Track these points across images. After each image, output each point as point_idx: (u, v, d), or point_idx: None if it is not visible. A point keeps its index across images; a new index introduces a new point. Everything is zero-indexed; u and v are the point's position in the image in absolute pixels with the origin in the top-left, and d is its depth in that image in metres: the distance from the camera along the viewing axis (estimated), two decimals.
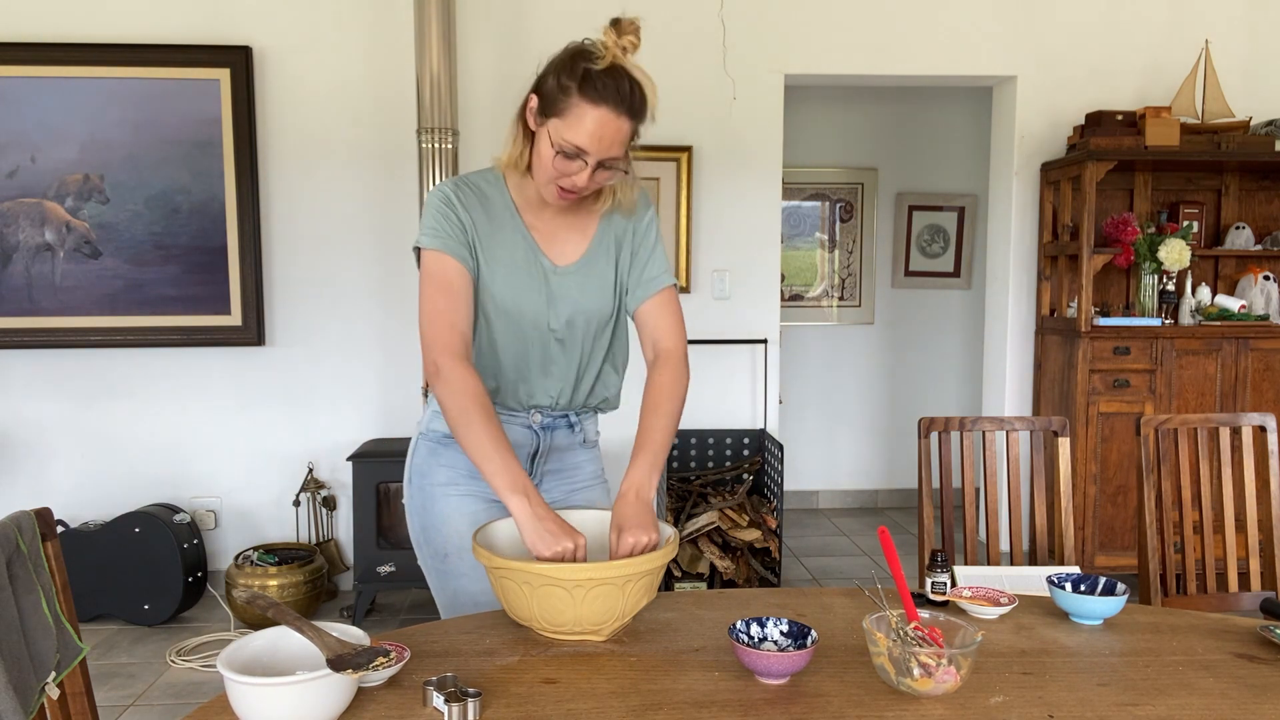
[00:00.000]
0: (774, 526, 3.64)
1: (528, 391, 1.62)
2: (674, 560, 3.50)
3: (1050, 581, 1.54)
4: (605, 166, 1.48)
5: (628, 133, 1.47)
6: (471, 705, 1.14)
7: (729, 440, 4.05)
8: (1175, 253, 3.69)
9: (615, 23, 1.47)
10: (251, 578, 3.38)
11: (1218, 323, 3.80)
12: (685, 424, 4.03)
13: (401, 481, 3.61)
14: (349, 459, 3.49)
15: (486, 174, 1.63)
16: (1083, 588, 1.55)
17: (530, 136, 1.52)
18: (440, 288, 1.51)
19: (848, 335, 5.33)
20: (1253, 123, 3.98)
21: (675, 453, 4.04)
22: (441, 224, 1.53)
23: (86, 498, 3.82)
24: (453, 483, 1.62)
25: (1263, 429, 2.13)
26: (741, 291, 4.06)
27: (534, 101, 1.50)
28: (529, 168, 1.54)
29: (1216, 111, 3.87)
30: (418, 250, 1.55)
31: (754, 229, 4.05)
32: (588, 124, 1.42)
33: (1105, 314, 3.89)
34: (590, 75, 1.42)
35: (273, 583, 3.38)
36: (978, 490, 4.88)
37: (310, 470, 3.83)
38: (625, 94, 1.43)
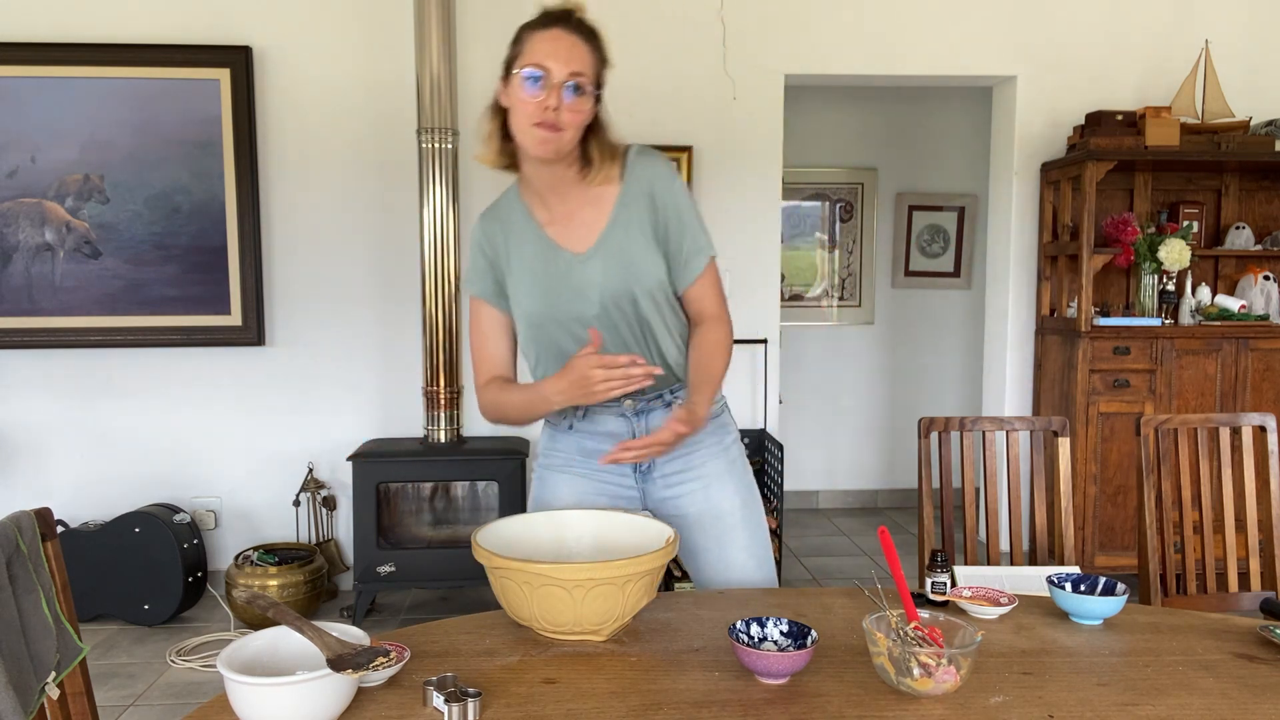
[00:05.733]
0: (774, 526, 3.64)
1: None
2: (674, 560, 3.50)
3: (1050, 581, 1.54)
4: (576, 89, 1.48)
5: (585, 52, 1.50)
6: (471, 705, 1.14)
7: None
8: (1175, 253, 3.69)
9: None
10: (251, 578, 3.38)
11: (1218, 323, 3.80)
12: None
13: (401, 482, 3.63)
14: (349, 459, 3.49)
15: (507, 193, 1.68)
16: (1083, 588, 1.55)
17: (503, 118, 1.55)
18: (475, 331, 1.70)
19: (848, 335, 5.33)
20: (1253, 123, 3.98)
21: None
22: (472, 267, 1.67)
23: (86, 498, 3.82)
24: (565, 465, 1.73)
25: (1263, 429, 2.13)
26: (741, 291, 4.06)
27: (499, 83, 1.56)
28: (511, 161, 1.58)
29: (1216, 111, 3.87)
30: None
31: (754, 229, 4.05)
32: (542, 43, 1.48)
33: (1105, 314, 3.89)
34: (535, 17, 1.53)
35: (273, 583, 3.38)
36: (978, 490, 4.88)
37: (310, 470, 3.83)
38: (571, 17, 1.51)
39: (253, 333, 3.78)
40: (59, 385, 3.79)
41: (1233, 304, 3.84)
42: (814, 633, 1.30)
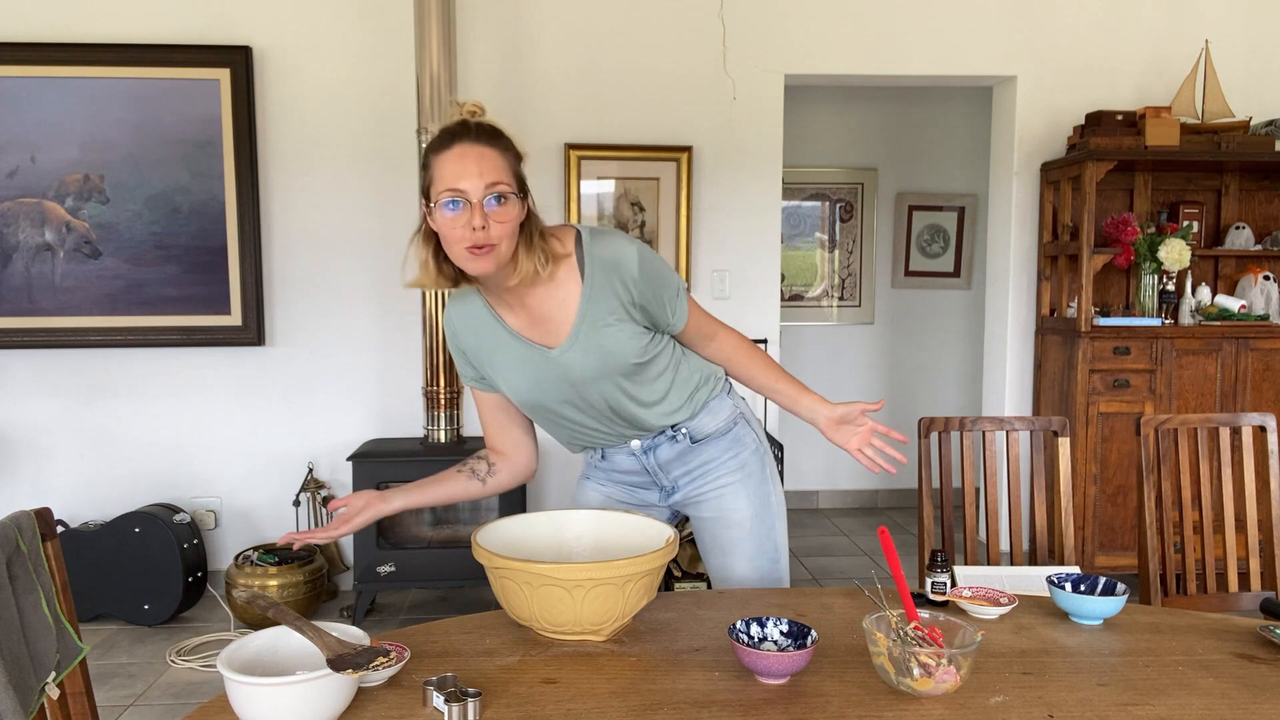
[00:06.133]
0: None
1: (608, 442, 1.73)
2: (674, 560, 3.50)
3: (1050, 581, 1.54)
4: (497, 198, 1.43)
5: (495, 159, 1.44)
6: (471, 705, 1.14)
7: None
8: (1175, 253, 3.69)
9: (457, 104, 1.54)
10: (251, 578, 3.38)
11: (1218, 323, 3.80)
12: None
13: (401, 481, 3.63)
14: (349, 459, 3.49)
15: (468, 292, 1.64)
16: (1083, 588, 1.55)
17: (435, 241, 1.52)
18: (483, 411, 1.75)
19: (848, 335, 5.33)
20: (1253, 123, 3.98)
21: None
22: (458, 363, 1.71)
23: (86, 498, 3.82)
24: (607, 484, 1.82)
25: (1263, 429, 2.13)
26: (741, 291, 4.06)
27: (422, 206, 1.51)
28: (457, 277, 1.55)
29: (1216, 111, 3.87)
30: None
31: (754, 229, 4.05)
32: (449, 165, 1.44)
33: (1105, 314, 3.89)
34: (436, 136, 1.49)
35: (273, 583, 3.38)
36: (978, 490, 4.88)
37: (310, 470, 3.83)
38: (471, 128, 1.47)
39: (253, 333, 3.78)
40: (59, 385, 3.79)
41: (1233, 304, 3.84)
42: (814, 633, 1.30)
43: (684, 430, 1.71)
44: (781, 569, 1.79)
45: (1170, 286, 3.87)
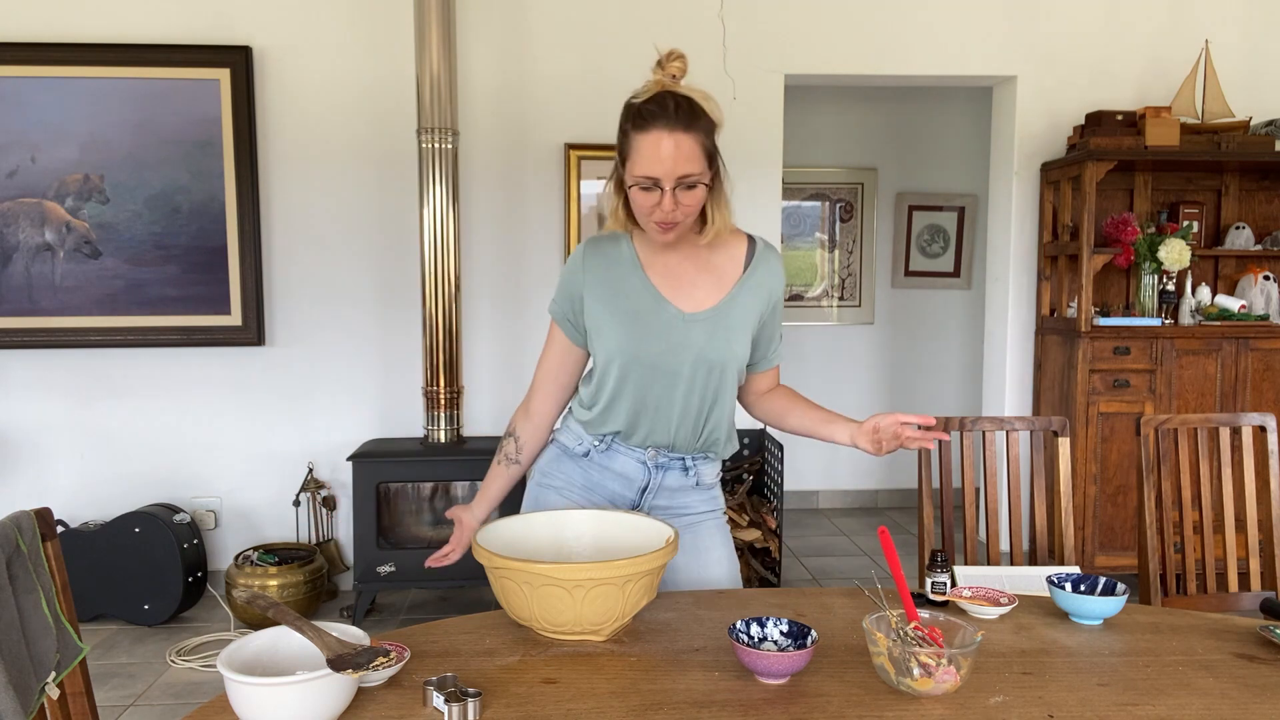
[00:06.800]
0: (774, 526, 3.64)
1: (648, 430, 1.69)
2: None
3: (1050, 581, 1.54)
4: (688, 186, 1.52)
5: (690, 146, 1.50)
6: (471, 705, 1.14)
7: None
8: (1175, 253, 3.69)
9: (659, 62, 1.57)
10: (251, 578, 3.38)
11: (1218, 323, 3.80)
12: None
13: (401, 482, 3.63)
14: (349, 459, 3.49)
15: (620, 234, 1.70)
16: (1083, 588, 1.55)
17: (624, 192, 1.60)
18: (545, 354, 1.75)
19: (848, 335, 5.33)
20: (1253, 123, 3.98)
21: None
22: (560, 292, 1.70)
23: (86, 498, 3.82)
24: (567, 487, 1.75)
25: (1263, 429, 2.13)
26: None
27: (617, 164, 1.59)
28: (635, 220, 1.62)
29: (1216, 111, 3.87)
30: None
31: (754, 229, 4.02)
32: (645, 151, 1.50)
33: (1105, 314, 3.89)
34: (636, 109, 1.53)
35: (273, 583, 3.38)
36: (978, 490, 4.88)
37: (310, 470, 3.83)
38: (671, 111, 1.50)
39: (253, 333, 3.78)
40: (59, 385, 3.79)
41: (1233, 304, 3.84)
42: (814, 633, 1.30)
43: (694, 470, 1.73)
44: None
45: (1170, 286, 3.87)
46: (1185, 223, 4.04)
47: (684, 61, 1.56)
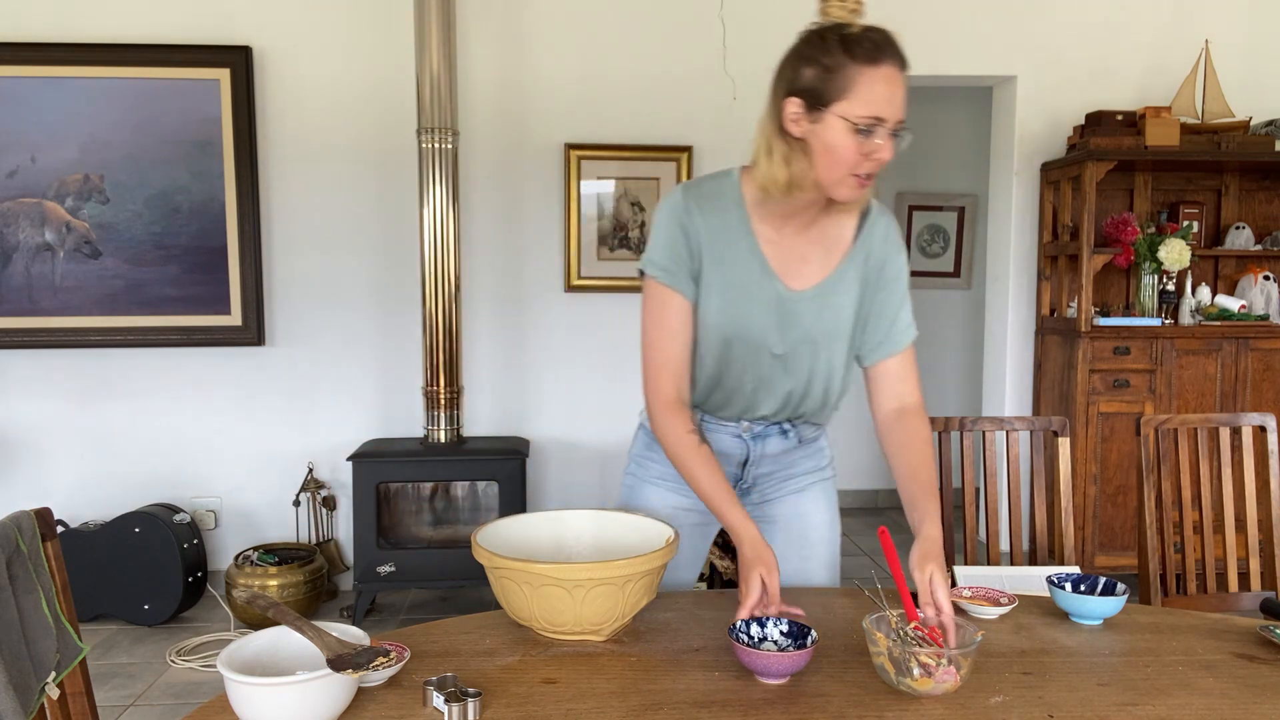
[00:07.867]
0: None
1: (743, 406, 1.59)
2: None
3: (1050, 581, 1.54)
4: (898, 134, 1.35)
5: (905, 90, 1.34)
6: (471, 705, 1.14)
7: None
8: (1175, 253, 3.69)
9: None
10: (251, 578, 3.38)
11: (1218, 323, 3.80)
12: None
13: (401, 482, 3.63)
14: (349, 459, 3.49)
15: (723, 182, 1.53)
16: (1083, 588, 1.55)
17: (788, 146, 1.41)
18: (662, 328, 1.51)
19: None
20: (1253, 123, 3.98)
21: None
22: (669, 250, 1.49)
23: (86, 498, 3.82)
24: (663, 477, 1.68)
25: (1263, 429, 2.13)
26: None
27: (794, 105, 1.39)
28: (789, 189, 1.42)
29: (1216, 111, 3.87)
30: (642, 271, 1.54)
31: None
32: (880, 88, 1.31)
33: (1105, 314, 3.89)
34: (856, 40, 1.33)
35: (273, 583, 3.38)
36: (978, 490, 4.88)
37: (310, 470, 3.83)
38: (894, 46, 1.34)
39: (253, 333, 3.78)
40: (59, 385, 3.79)
41: (1233, 304, 3.84)
42: (814, 633, 1.30)
43: (794, 432, 1.64)
44: (838, 577, 1.76)
45: (1170, 286, 3.87)
46: (1185, 223, 4.04)
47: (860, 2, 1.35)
